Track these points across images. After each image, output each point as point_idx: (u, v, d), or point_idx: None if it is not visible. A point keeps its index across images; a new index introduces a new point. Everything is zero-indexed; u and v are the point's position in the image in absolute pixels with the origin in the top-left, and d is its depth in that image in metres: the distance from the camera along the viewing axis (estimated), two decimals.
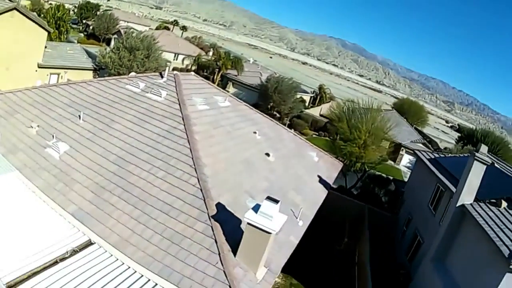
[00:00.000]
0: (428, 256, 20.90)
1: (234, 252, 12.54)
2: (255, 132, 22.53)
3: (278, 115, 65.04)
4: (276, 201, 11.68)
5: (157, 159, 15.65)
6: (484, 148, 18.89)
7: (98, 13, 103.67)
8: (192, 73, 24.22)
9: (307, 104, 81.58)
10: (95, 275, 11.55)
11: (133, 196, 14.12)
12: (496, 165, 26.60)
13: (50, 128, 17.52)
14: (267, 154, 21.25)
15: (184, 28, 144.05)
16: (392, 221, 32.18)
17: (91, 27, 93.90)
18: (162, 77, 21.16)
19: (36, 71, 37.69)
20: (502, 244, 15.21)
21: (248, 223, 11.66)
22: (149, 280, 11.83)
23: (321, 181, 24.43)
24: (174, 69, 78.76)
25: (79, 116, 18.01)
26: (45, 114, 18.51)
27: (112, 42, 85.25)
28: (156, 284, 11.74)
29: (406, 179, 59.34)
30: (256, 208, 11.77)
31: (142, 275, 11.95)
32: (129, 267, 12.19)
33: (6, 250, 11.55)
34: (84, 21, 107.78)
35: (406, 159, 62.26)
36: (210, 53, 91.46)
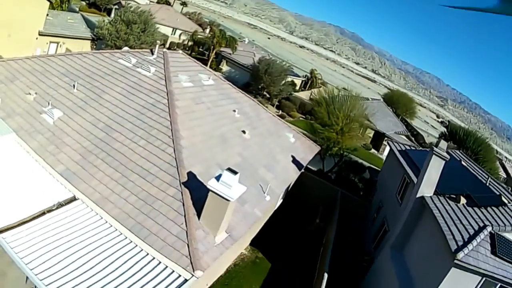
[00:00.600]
0: (388, 243, 21.87)
1: (199, 216, 14.35)
2: (234, 110, 24.14)
3: (268, 95, 66.69)
4: (235, 172, 13.46)
5: (140, 129, 17.36)
6: (443, 144, 19.83)
7: None
8: (180, 51, 25.79)
9: (297, 87, 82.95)
10: (77, 226, 13.39)
11: (116, 160, 15.86)
12: (463, 163, 28.09)
13: (47, 96, 19.08)
14: (243, 132, 22.91)
15: (184, 4, 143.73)
16: (364, 208, 33.62)
17: None
18: (152, 54, 22.71)
19: (36, 38, 38.61)
20: (451, 238, 15.85)
21: (210, 190, 13.45)
22: (120, 233, 13.67)
23: (295, 161, 26.02)
24: (171, 43, 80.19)
25: (74, 85, 19.58)
26: (42, 82, 20.04)
27: (113, 13, 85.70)
28: (126, 238, 13.57)
29: None
30: (218, 177, 13.56)
31: (116, 229, 13.77)
32: (106, 222, 14.00)
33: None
34: None
35: (387, 148, 64.08)
36: (207, 30, 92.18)
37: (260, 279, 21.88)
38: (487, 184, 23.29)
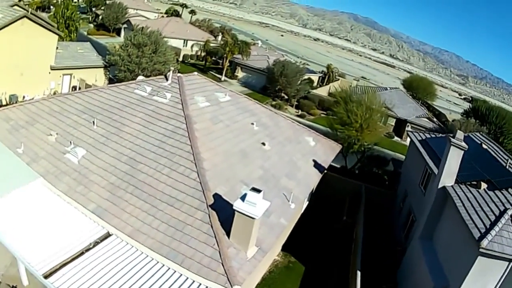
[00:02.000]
0: (417, 234, 22.23)
1: (229, 235, 15.05)
2: (252, 123, 24.83)
3: (286, 96, 67.28)
4: (259, 191, 14.16)
5: (162, 157, 18.16)
6: (460, 134, 19.81)
7: (107, 1, 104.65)
8: (195, 73, 26.48)
9: (315, 84, 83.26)
10: (115, 261, 14.25)
11: (143, 192, 16.69)
12: (483, 146, 28.04)
13: (68, 135, 20.04)
14: (263, 143, 23.57)
15: (193, 12, 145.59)
16: (390, 198, 33.87)
17: (100, 17, 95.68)
18: (167, 79, 23.49)
19: (49, 73, 39.99)
20: (474, 227, 16.14)
21: (236, 210, 14.16)
22: (157, 262, 14.45)
23: (316, 165, 26.61)
24: (184, 55, 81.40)
25: (93, 122, 20.53)
26: (62, 122, 21.01)
27: (122, 32, 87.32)
28: (164, 265, 14.35)
29: None
30: (243, 197, 14.26)
31: (153, 259, 14.56)
32: (142, 253, 14.81)
33: (39, 246, 14.21)
34: (93, 9, 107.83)
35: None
36: (219, 38, 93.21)
37: (296, 282, 22.44)
38: (507, 167, 23.30)
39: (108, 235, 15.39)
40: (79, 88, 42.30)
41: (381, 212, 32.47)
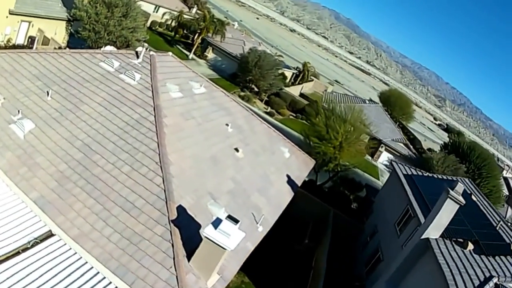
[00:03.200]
0: (384, 277, 22.32)
1: (189, 257, 14.19)
2: (227, 124, 23.98)
3: (256, 89, 66.53)
4: (236, 221, 13.33)
5: (123, 151, 17.02)
6: (460, 187, 19.56)
7: None
8: (170, 53, 25.23)
9: (287, 80, 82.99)
10: (55, 268, 13.08)
11: (96, 189, 15.53)
12: (473, 197, 28.16)
13: (16, 102, 18.56)
14: (236, 150, 22.79)
15: None
16: (357, 230, 33.99)
17: None
18: (138, 57, 22.24)
19: (6, 17, 37.90)
20: None
21: (206, 237, 13.27)
22: (104, 278, 13.41)
23: (289, 181, 26.18)
24: (152, 22, 79.23)
25: (47, 92, 19.08)
26: (12, 85, 19.45)
27: None
28: (111, 282, 13.33)
29: (381, 177, 62.05)
30: (216, 224, 13.35)
31: (99, 272, 13.51)
32: (86, 262, 13.72)
33: None
34: None
35: (384, 157, 64.78)
36: (194, 10, 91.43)
37: None
38: (497, 228, 23.45)
39: (50, 234, 14.20)
40: (37, 41, 40.43)
41: (345, 241, 32.47)
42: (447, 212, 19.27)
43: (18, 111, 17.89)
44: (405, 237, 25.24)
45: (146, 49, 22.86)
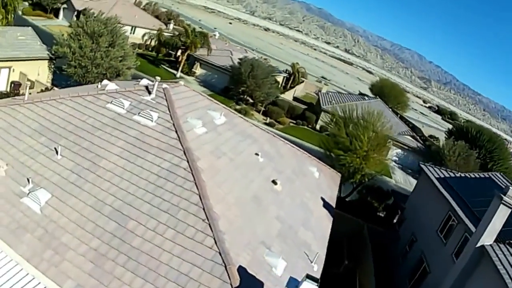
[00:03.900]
0: None
1: None
2: (257, 154, 21.56)
3: (251, 100, 64.14)
4: (317, 281, 10.95)
5: (161, 212, 14.46)
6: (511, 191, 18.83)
7: None
8: (182, 82, 22.61)
9: (279, 85, 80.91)
10: None
11: (141, 265, 12.96)
12: None
13: (22, 167, 15.87)
14: (274, 182, 20.44)
15: None
16: (392, 239, 32.04)
17: None
18: (150, 93, 19.65)
19: None
20: None
21: None
22: None
23: (325, 204, 24.16)
24: (132, 44, 76.47)
25: (56, 149, 16.44)
26: (12, 146, 16.70)
27: (61, 13, 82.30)
28: None
29: (393, 175, 60.06)
30: (292, 285, 11.12)
31: None
32: None
33: None
34: None
35: (393, 152, 62.59)
36: (171, 26, 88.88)
37: None
38: None
39: None
40: (19, 85, 37.03)
41: (382, 253, 30.44)
42: (500, 217, 18.74)
43: (28, 180, 15.23)
44: (453, 245, 24.16)
45: (157, 81, 20.21)
